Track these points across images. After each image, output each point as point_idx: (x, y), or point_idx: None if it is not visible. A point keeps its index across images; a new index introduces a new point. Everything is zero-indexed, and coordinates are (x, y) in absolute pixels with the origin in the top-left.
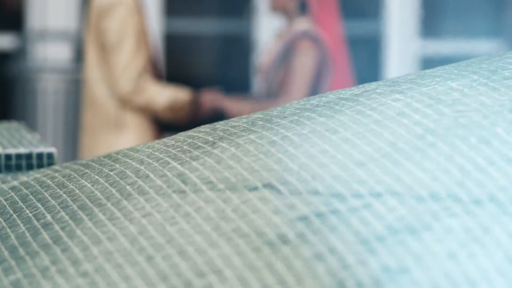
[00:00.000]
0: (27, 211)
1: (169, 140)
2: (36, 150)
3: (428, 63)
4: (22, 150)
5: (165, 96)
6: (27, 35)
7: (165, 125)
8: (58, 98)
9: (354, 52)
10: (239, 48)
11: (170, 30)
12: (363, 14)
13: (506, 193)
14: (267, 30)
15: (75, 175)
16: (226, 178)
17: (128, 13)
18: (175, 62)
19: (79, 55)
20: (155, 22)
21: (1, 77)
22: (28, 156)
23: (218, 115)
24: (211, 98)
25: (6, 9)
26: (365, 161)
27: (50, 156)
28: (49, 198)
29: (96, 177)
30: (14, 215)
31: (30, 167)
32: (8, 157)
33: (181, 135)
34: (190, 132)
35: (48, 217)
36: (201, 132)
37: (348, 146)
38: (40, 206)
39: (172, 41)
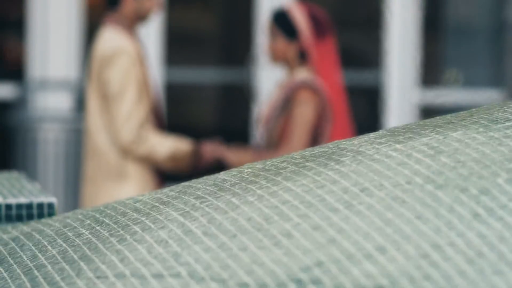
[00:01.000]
0: (28, 261)
1: (169, 190)
2: (37, 200)
3: (428, 112)
4: (23, 200)
5: (166, 146)
6: (28, 85)
7: (167, 174)
8: (59, 148)
9: (354, 102)
10: (240, 97)
11: (171, 80)
12: (363, 63)
13: (506, 243)
14: (268, 79)
15: (75, 225)
16: (227, 229)
17: (130, 63)
18: (176, 112)
19: (79, 105)
20: (156, 72)
21: (2, 127)
22: (29, 206)
23: (218, 166)
24: (211, 149)
25: (7, 59)
26: (365, 213)
27: (50, 206)
28: (49, 248)
29: (96, 227)
30: (15, 265)
31: (30, 217)
32: (8, 207)
33: (182, 186)
34: (191, 183)
35: (49, 267)
36: (201, 183)
37: (348, 197)
38: (40, 256)
39: (172, 91)
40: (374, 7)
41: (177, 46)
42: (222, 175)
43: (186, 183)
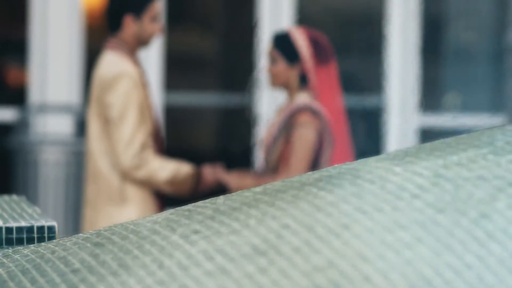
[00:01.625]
0: (28, 285)
1: (170, 214)
2: (37, 223)
3: (428, 136)
4: (23, 224)
5: (167, 170)
6: (29, 108)
7: (168, 198)
8: (60, 171)
9: (354, 125)
10: (241, 122)
11: (171, 104)
12: (363, 87)
13: (506, 267)
14: (270, 103)
15: (76, 248)
16: (227, 253)
17: (131, 87)
18: (176, 136)
19: (81, 129)
20: (156, 95)
21: (3, 150)
22: (29, 229)
23: (219, 190)
24: (212, 173)
25: (8, 83)
26: (365, 236)
27: (51, 229)
28: (50, 271)
29: (97, 250)
30: None
31: (31, 240)
32: (9, 230)
33: (182, 210)
34: (191, 207)
35: None
36: (201, 206)
37: (348, 220)
38: (41, 280)
39: (172, 115)
40: (374, 32)
41: (177, 70)
42: (222, 199)
43: (187, 207)
